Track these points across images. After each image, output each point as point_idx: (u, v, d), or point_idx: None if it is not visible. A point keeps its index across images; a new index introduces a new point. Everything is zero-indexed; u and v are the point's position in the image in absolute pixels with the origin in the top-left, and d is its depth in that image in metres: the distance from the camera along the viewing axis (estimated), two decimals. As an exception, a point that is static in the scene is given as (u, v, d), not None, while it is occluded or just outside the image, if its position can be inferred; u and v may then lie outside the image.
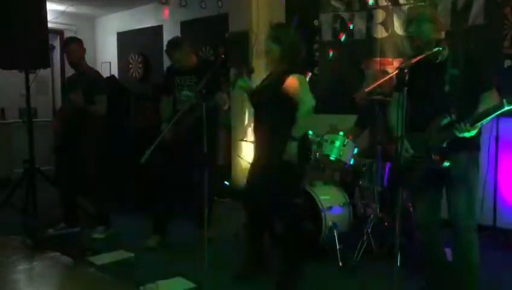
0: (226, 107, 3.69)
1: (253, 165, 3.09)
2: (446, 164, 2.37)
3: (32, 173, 4.51)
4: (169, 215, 3.88)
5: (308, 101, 2.83)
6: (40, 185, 4.59)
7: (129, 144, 4.81)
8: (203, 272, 2.60)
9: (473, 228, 2.43)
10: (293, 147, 2.75)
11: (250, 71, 3.64)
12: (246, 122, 5.34)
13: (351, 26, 4.85)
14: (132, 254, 3.57)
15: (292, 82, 2.80)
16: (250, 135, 5.08)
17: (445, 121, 2.34)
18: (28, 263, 3.51)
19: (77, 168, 4.04)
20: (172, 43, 3.81)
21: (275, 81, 2.84)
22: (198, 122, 3.10)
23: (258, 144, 3.02)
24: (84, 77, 4.02)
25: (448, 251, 3.45)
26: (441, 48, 2.28)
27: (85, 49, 4.13)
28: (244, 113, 5.32)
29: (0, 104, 6.77)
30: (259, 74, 3.76)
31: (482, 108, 2.25)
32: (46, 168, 4.71)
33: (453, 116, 2.30)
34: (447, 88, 2.36)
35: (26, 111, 4.68)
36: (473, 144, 2.45)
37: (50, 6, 4.76)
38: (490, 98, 2.27)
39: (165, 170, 3.72)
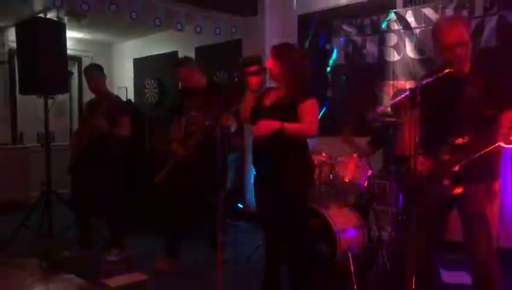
0: (233, 130, 3.71)
1: (257, 183, 3.05)
2: (458, 191, 2.23)
3: (49, 196, 4.58)
4: (180, 238, 3.89)
5: (313, 128, 2.83)
6: (56, 207, 4.65)
7: (143, 166, 4.87)
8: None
9: (493, 259, 2.32)
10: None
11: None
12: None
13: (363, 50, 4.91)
14: (146, 277, 3.58)
15: (309, 106, 2.81)
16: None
17: (459, 141, 2.21)
18: (44, 285, 3.53)
19: (92, 190, 4.09)
20: (176, 61, 4.09)
21: (292, 98, 2.81)
22: (209, 144, 3.13)
23: (263, 160, 2.95)
24: (106, 100, 4.09)
25: (449, 274, 3.41)
26: (452, 70, 2.23)
27: (105, 76, 4.24)
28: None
29: (18, 128, 6.93)
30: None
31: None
32: (62, 191, 4.77)
33: (466, 136, 2.19)
34: (464, 107, 2.26)
35: (44, 135, 4.78)
36: (492, 172, 2.31)
37: (68, 34, 4.90)
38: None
39: (175, 191, 3.74)
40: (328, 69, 5.21)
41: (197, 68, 3.94)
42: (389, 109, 3.81)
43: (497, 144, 2.08)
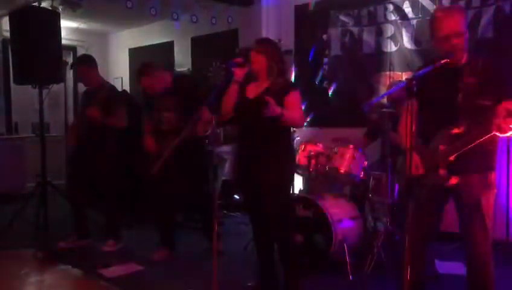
0: (209, 132, 3.70)
1: (241, 175, 3.07)
2: (454, 181, 2.25)
3: (44, 187, 4.56)
4: (173, 228, 3.91)
5: (302, 119, 2.96)
6: (51, 198, 4.64)
7: (139, 157, 4.84)
8: (213, 286, 2.59)
9: (489, 250, 2.33)
10: None
11: None
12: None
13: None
14: (142, 267, 3.59)
15: (295, 97, 2.88)
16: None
17: (455, 131, 2.22)
18: (39, 275, 3.53)
19: (89, 181, 4.08)
20: (138, 70, 3.76)
21: (277, 91, 2.85)
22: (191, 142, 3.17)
23: (248, 152, 2.98)
24: (101, 90, 4.05)
25: (446, 264, 3.44)
26: (448, 60, 2.23)
27: (95, 67, 4.14)
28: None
29: (13, 118, 6.89)
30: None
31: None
32: (58, 182, 4.76)
33: (462, 126, 2.20)
34: (459, 97, 2.26)
35: (39, 126, 4.75)
36: (486, 163, 2.32)
37: (63, 24, 4.85)
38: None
39: (166, 183, 3.73)
40: (325, 60, 5.19)
41: (159, 71, 3.77)
42: (385, 100, 3.81)
43: (492, 133, 2.07)
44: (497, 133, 2.06)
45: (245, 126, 2.99)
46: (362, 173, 3.72)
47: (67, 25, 6.78)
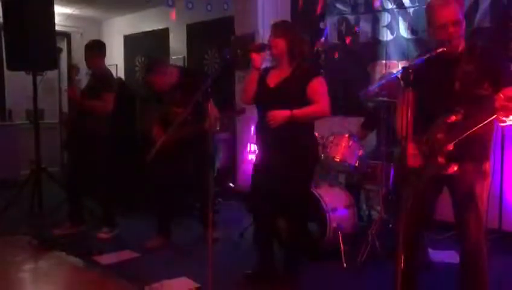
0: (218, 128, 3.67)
1: (261, 164, 2.99)
2: (453, 169, 2.22)
3: (39, 174, 4.55)
4: (170, 216, 3.90)
5: (326, 109, 2.83)
6: (46, 185, 4.63)
7: (135, 145, 4.84)
8: (208, 273, 2.60)
9: (482, 240, 2.33)
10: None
11: None
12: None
13: (357, 29, 4.87)
14: (137, 254, 3.59)
15: (318, 85, 2.81)
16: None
17: (452, 119, 2.18)
18: (34, 262, 3.54)
19: (84, 168, 4.07)
20: (147, 67, 3.73)
21: (299, 78, 2.79)
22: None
23: (269, 142, 2.90)
24: (93, 76, 4.07)
25: (439, 253, 3.47)
26: (445, 49, 2.23)
27: (98, 53, 4.13)
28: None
29: (7, 105, 6.84)
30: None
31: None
32: (52, 169, 4.74)
33: (459, 114, 2.15)
34: (457, 85, 2.25)
35: (33, 112, 4.72)
36: (482, 152, 2.33)
37: (57, 9, 4.80)
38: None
39: (163, 170, 3.72)
40: (321, 48, 5.16)
41: (168, 67, 3.75)
42: (381, 89, 3.80)
43: (495, 116, 2.00)
44: (501, 117, 1.97)
45: (266, 116, 2.84)
46: (357, 161, 3.72)
47: (61, 11, 6.71)
